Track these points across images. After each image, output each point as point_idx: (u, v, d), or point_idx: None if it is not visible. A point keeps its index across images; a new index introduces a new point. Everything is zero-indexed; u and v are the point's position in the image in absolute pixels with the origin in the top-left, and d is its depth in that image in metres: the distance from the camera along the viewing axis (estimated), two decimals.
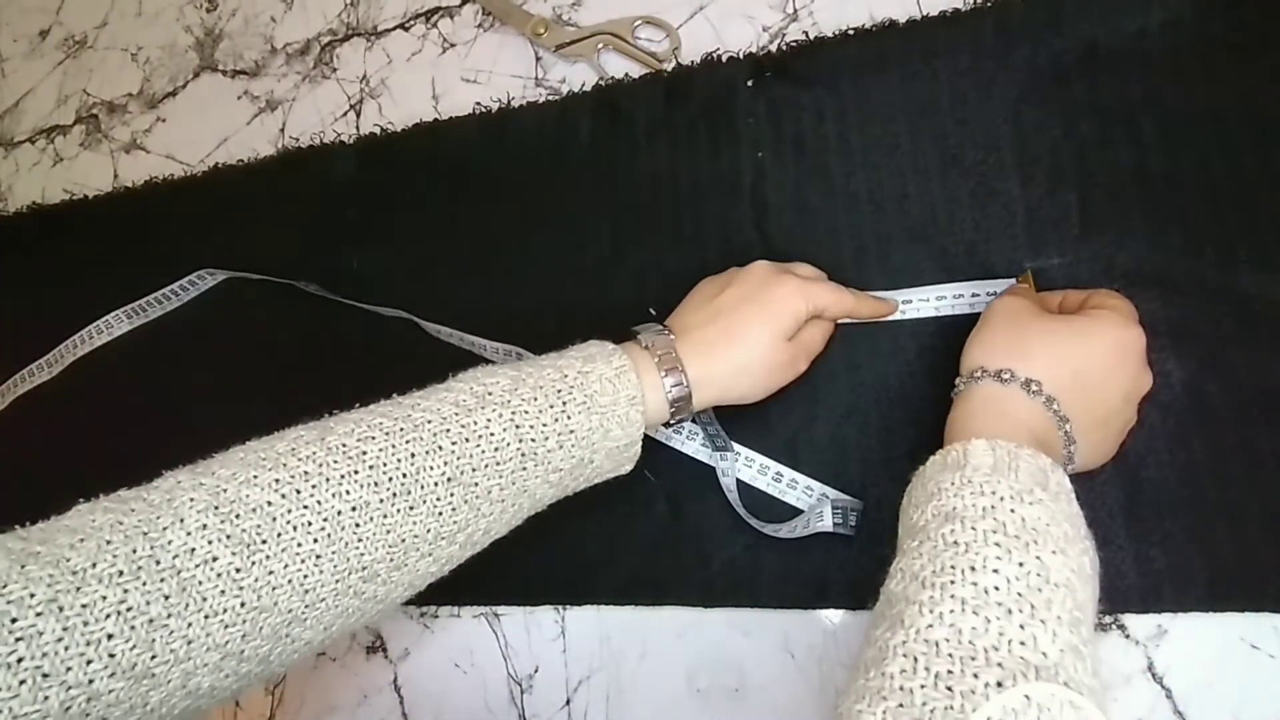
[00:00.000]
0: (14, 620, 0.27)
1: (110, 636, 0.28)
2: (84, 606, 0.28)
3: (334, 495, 0.34)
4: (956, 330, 0.46)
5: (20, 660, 0.26)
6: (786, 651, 0.47)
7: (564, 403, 0.39)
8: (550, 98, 0.59)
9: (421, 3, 0.66)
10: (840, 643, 0.46)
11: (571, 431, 0.39)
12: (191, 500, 0.32)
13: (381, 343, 0.59)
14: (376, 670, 0.55)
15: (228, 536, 0.31)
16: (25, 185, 0.79)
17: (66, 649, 0.27)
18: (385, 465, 0.35)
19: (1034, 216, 0.46)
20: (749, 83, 0.53)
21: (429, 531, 0.36)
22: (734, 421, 0.49)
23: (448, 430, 0.37)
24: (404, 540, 0.36)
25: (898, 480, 0.45)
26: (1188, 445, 0.42)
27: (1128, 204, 0.45)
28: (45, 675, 0.27)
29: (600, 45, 0.59)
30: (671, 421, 0.44)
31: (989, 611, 0.29)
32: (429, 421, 0.37)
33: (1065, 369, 0.37)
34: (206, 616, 0.30)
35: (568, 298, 0.55)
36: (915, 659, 0.28)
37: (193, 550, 0.30)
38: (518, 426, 0.38)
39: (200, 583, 0.30)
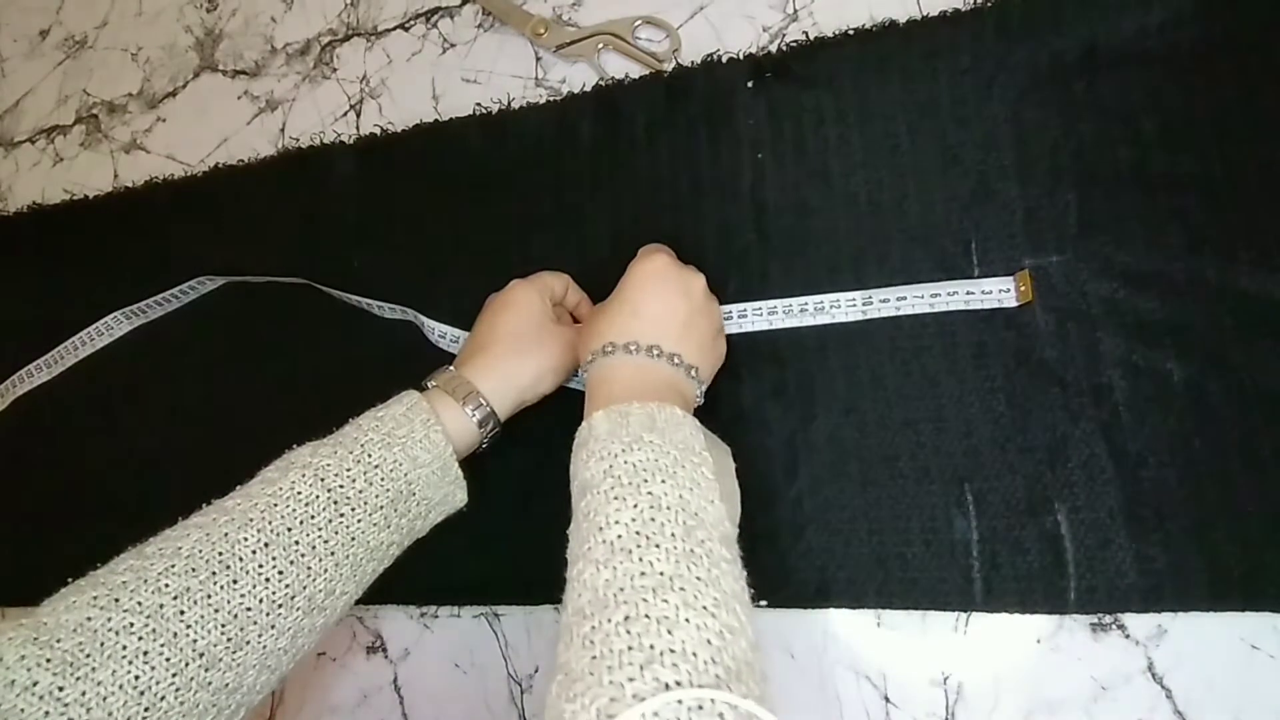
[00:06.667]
0: None
1: None
2: None
3: (154, 591, 0.35)
4: (953, 329, 0.46)
5: None
6: (786, 651, 0.47)
7: (362, 445, 0.42)
8: (550, 98, 0.59)
9: (421, 3, 0.66)
10: (840, 643, 0.46)
11: (376, 467, 0.41)
12: (10, 639, 0.33)
13: (382, 345, 0.59)
14: (376, 670, 0.55)
15: (48, 660, 0.32)
16: (25, 185, 0.79)
17: None
18: (201, 551, 0.36)
19: (1033, 216, 0.46)
20: (749, 83, 0.53)
21: (260, 601, 0.37)
22: (731, 421, 0.49)
23: (255, 504, 0.39)
24: (236, 616, 0.36)
25: (897, 479, 0.46)
26: (1188, 445, 0.42)
27: (1126, 203, 0.45)
28: None
29: (600, 45, 0.59)
30: (486, 440, 0.47)
31: (615, 560, 0.31)
32: (239, 505, 0.39)
33: (640, 317, 0.43)
34: None
35: None
36: (571, 630, 0.30)
37: (13, 682, 0.32)
38: (322, 479, 0.40)
39: (22, 710, 0.32)
